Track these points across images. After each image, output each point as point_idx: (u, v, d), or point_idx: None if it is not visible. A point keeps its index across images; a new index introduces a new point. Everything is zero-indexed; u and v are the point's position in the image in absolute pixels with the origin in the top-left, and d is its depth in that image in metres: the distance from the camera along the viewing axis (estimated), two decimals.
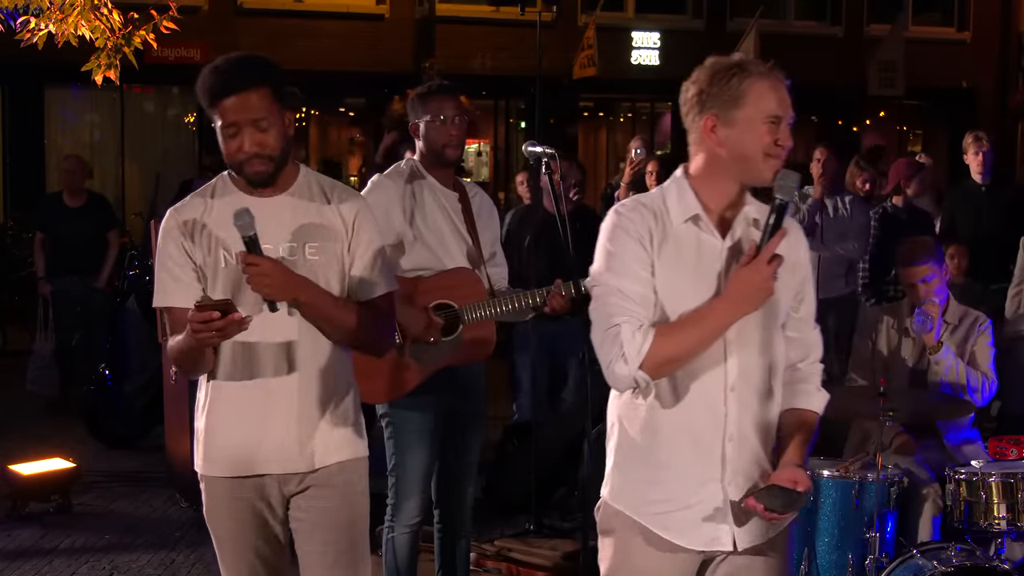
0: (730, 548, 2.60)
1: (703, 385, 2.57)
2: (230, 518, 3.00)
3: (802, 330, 2.72)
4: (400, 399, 4.00)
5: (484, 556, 4.87)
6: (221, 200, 2.93)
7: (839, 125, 18.70)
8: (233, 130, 2.83)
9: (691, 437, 2.58)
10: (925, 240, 4.84)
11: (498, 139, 18.16)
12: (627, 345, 2.50)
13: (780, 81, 2.58)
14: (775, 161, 2.55)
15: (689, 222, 2.59)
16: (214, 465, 2.99)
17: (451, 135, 4.02)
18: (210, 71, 2.85)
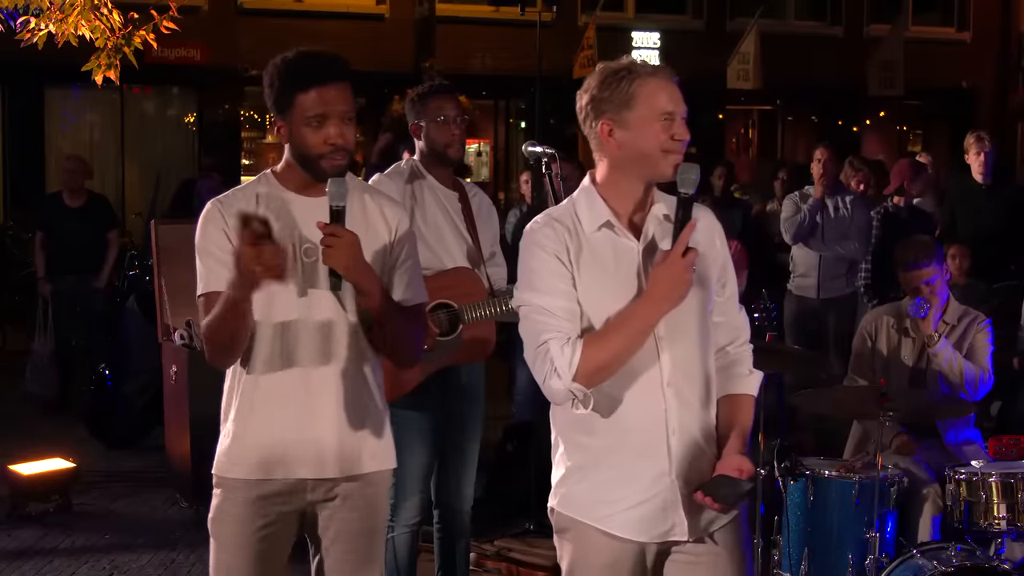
0: (684, 538, 2.65)
1: (640, 385, 2.62)
2: (244, 526, 2.89)
3: (728, 313, 2.77)
4: (400, 399, 3.99)
5: (484, 556, 4.88)
6: (267, 197, 2.90)
7: (839, 125, 18.71)
8: (320, 120, 2.80)
9: (635, 437, 2.63)
10: (925, 241, 4.82)
11: (498, 139, 18.16)
12: (557, 360, 2.55)
13: (669, 79, 2.64)
14: (674, 156, 2.61)
15: (603, 229, 2.65)
16: (239, 466, 2.88)
17: (453, 135, 4.02)
18: (302, 56, 2.84)
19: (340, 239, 2.74)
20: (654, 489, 2.63)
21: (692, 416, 2.66)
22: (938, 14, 19.76)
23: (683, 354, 2.64)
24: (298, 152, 2.87)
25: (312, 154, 2.83)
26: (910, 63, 16.48)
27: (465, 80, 11.52)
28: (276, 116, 2.89)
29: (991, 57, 19.59)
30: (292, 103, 2.82)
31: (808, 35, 18.18)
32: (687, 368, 2.65)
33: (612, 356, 2.55)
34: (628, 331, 2.55)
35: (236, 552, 2.90)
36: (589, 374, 2.55)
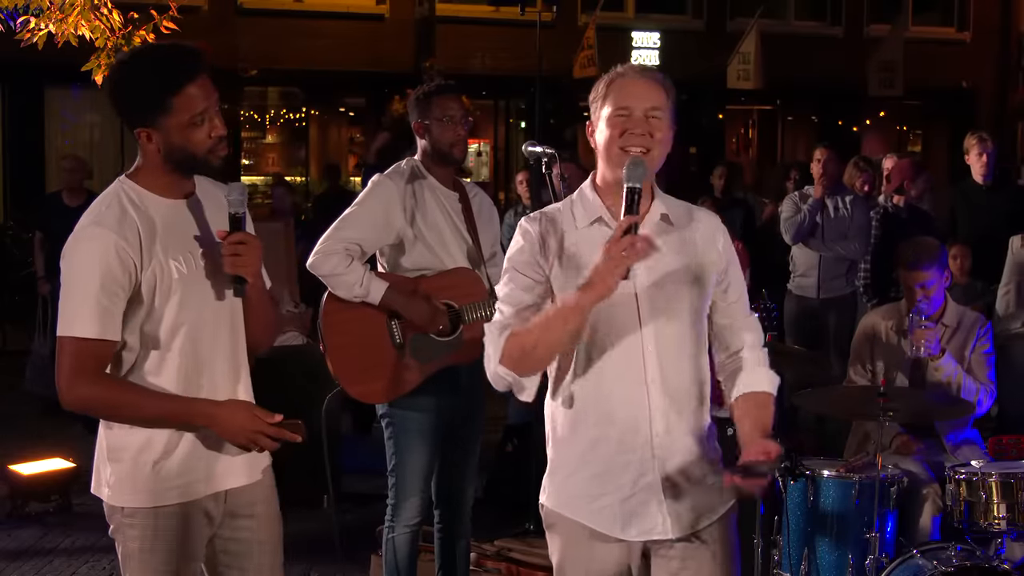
0: (667, 536, 2.66)
1: (624, 381, 2.64)
2: (183, 548, 2.73)
3: (734, 316, 2.78)
4: (400, 399, 4.00)
5: (484, 556, 4.87)
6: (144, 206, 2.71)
7: (839, 125, 18.70)
8: (203, 116, 2.66)
9: (618, 434, 2.65)
10: (930, 244, 4.79)
11: (498, 139, 18.16)
12: (488, 346, 2.66)
13: (638, 75, 2.66)
14: (625, 154, 2.60)
15: (594, 224, 2.68)
16: (167, 492, 2.70)
17: (458, 135, 4.03)
18: (158, 56, 2.71)
19: (247, 246, 2.69)
20: (637, 487, 2.65)
21: (680, 415, 2.67)
22: (938, 14, 19.75)
23: (669, 352, 2.65)
24: (179, 155, 2.68)
25: (198, 152, 2.68)
26: (910, 63, 16.47)
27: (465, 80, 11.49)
28: (140, 126, 2.68)
29: (991, 57, 19.58)
30: (166, 106, 2.64)
31: (808, 35, 18.17)
32: (674, 367, 2.66)
33: (533, 342, 2.57)
34: (548, 319, 2.57)
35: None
36: (513, 360, 2.60)
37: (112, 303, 2.62)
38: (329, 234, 3.95)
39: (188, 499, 2.74)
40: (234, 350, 2.83)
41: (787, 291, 7.32)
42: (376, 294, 3.90)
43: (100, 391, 2.63)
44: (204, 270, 2.75)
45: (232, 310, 2.82)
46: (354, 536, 5.23)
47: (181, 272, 2.70)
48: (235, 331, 2.83)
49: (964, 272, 6.68)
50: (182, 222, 2.76)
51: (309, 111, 17.29)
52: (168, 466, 2.72)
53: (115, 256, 2.62)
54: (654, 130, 2.61)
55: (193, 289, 2.72)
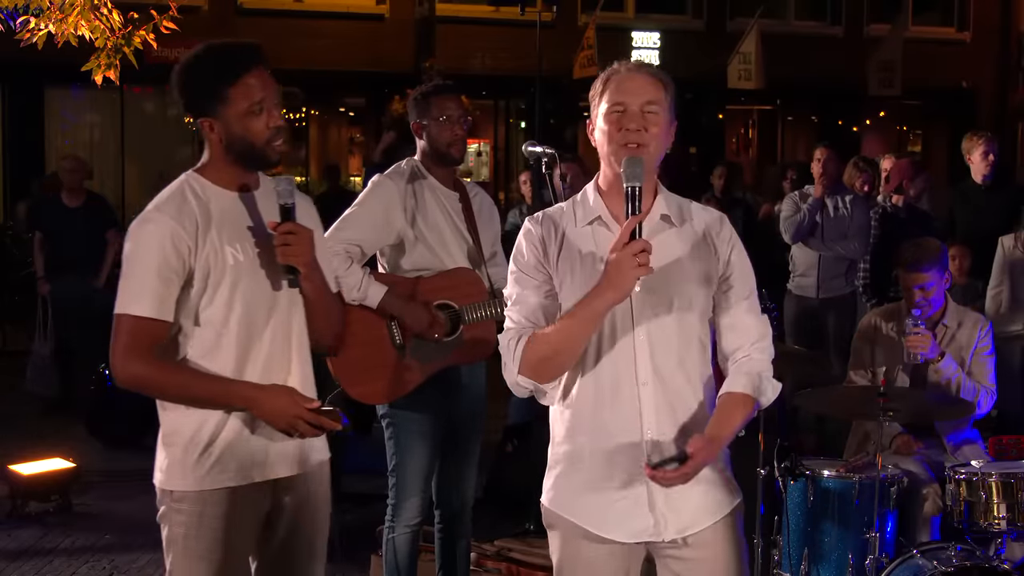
0: (660, 538, 2.65)
1: (616, 383, 2.63)
2: (228, 536, 2.78)
3: (737, 317, 2.71)
4: (400, 399, 4.00)
5: (484, 556, 4.87)
6: (206, 197, 2.80)
7: (839, 125, 18.71)
8: (261, 106, 2.76)
9: (612, 435, 2.64)
10: (931, 245, 4.77)
11: (498, 139, 18.17)
12: (506, 354, 2.65)
13: (635, 72, 2.64)
14: (623, 150, 2.59)
15: (592, 224, 2.67)
16: (216, 477, 2.77)
17: (456, 135, 4.02)
18: (220, 49, 2.79)
19: (297, 235, 2.74)
20: (631, 488, 2.64)
21: (674, 417, 2.64)
22: (938, 14, 19.77)
23: (662, 354, 2.63)
24: (239, 145, 2.78)
25: (257, 142, 2.77)
26: (910, 63, 16.48)
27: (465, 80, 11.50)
28: (201, 116, 2.79)
29: (991, 57, 19.59)
30: (224, 97, 2.75)
31: (808, 35, 18.19)
32: (668, 368, 2.63)
33: (553, 348, 2.57)
34: (568, 323, 2.56)
35: (228, 563, 2.81)
36: (532, 367, 2.60)
37: (166, 286, 2.72)
38: (329, 234, 3.94)
39: (236, 484, 2.79)
40: (288, 340, 2.86)
41: (787, 291, 7.32)
42: (374, 298, 3.90)
43: (151, 370, 2.71)
44: (260, 259, 2.81)
45: (289, 301, 2.86)
46: (354, 536, 5.22)
47: (237, 259, 2.78)
48: (290, 322, 2.87)
49: (964, 272, 6.68)
50: (240, 212, 2.83)
51: (309, 111, 17.30)
52: (218, 452, 2.78)
53: (170, 242, 2.71)
54: (650, 125, 2.60)
55: (248, 277, 2.79)
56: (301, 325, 2.90)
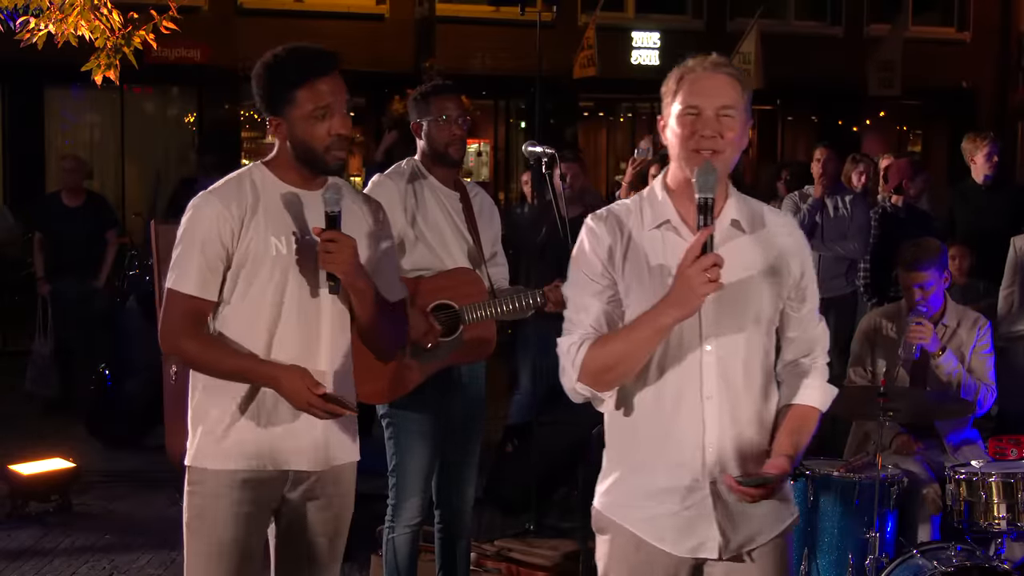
0: (714, 555, 2.58)
1: (679, 394, 2.55)
2: (236, 522, 2.88)
3: (805, 328, 2.65)
4: (400, 399, 4.00)
5: (484, 556, 4.87)
6: (263, 187, 2.90)
7: (839, 125, 18.70)
8: (324, 112, 2.82)
9: (672, 446, 2.57)
10: (931, 244, 4.78)
11: (498, 139, 18.15)
12: (564, 359, 2.55)
13: (712, 72, 2.53)
14: (696, 156, 2.49)
15: (661, 227, 2.57)
16: (233, 458, 2.88)
17: (454, 134, 4.02)
18: (297, 51, 2.85)
19: (338, 244, 2.78)
20: (687, 502, 2.57)
21: (735, 432, 2.56)
22: (938, 14, 19.76)
23: (730, 368, 2.54)
24: (301, 147, 2.87)
25: (317, 147, 2.85)
26: (910, 63, 16.48)
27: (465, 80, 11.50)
28: (272, 114, 2.89)
29: (991, 57, 19.58)
30: (292, 98, 2.83)
31: (808, 35, 18.18)
32: (733, 382, 2.54)
33: (615, 359, 2.49)
34: (633, 335, 2.47)
35: (236, 548, 2.89)
36: (592, 375, 2.51)
37: (211, 266, 2.83)
38: None
39: (249, 469, 2.87)
40: (316, 340, 2.90)
41: None
42: None
43: (193, 345, 2.85)
44: (301, 256, 2.86)
45: (331, 308, 2.91)
46: (354, 536, 5.21)
47: (279, 251, 2.85)
48: (324, 326, 2.91)
49: (964, 273, 6.68)
50: (293, 209, 2.89)
51: None
52: (236, 436, 2.87)
53: (215, 223, 2.82)
54: (725, 130, 2.49)
55: (289, 271, 2.85)
56: (336, 329, 2.94)
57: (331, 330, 2.94)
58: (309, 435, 2.92)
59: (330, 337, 2.94)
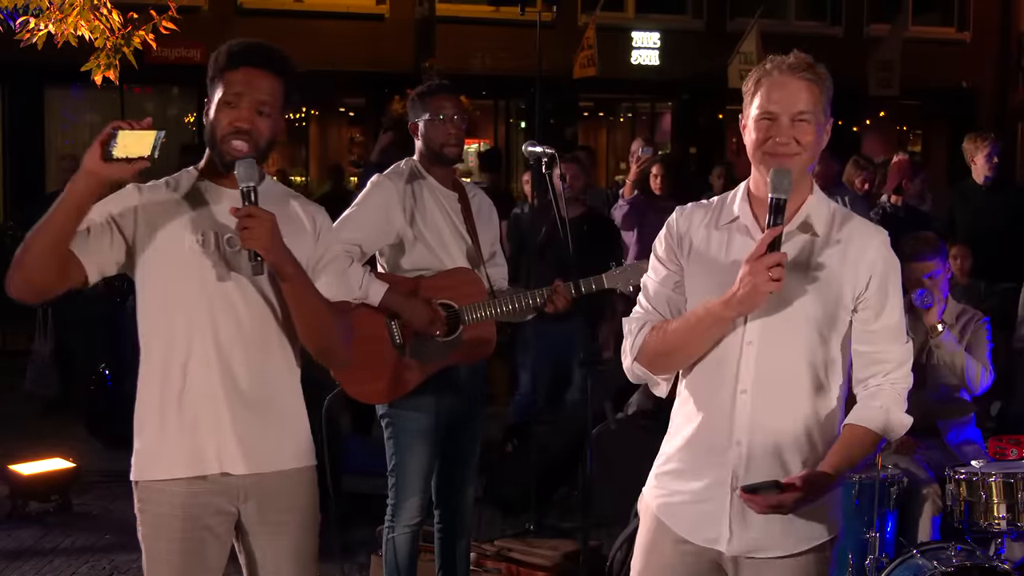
0: (725, 551, 2.58)
1: (714, 386, 2.57)
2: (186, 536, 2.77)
3: (875, 344, 2.56)
4: (400, 399, 4.00)
5: (484, 556, 4.87)
6: (184, 185, 2.83)
7: (839, 125, 18.63)
8: (234, 100, 2.73)
9: (704, 437, 2.60)
10: (930, 236, 4.82)
11: (498, 139, 18.16)
12: (626, 340, 2.64)
13: (791, 76, 2.51)
14: (770, 159, 2.50)
15: (732, 225, 2.59)
16: (170, 466, 2.78)
17: (450, 134, 4.02)
18: (243, 40, 2.81)
19: (256, 219, 2.64)
20: (710, 493, 2.58)
21: (771, 430, 2.53)
22: (938, 14, 19.78)
23: (772, 365, 2.52)
24: (208, 134, 2.78)
25: (217, 134, 2.75)
26: (910, 63, 16.48)
27: (465, 80, 11.52)
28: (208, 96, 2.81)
29: (991, 57, 19.59)
30: (217, 82, 2.76)
31: (808, 35, 18.13)
32: (774, 380, 2.52)
33: (672, 346, 2.56)
34: (690, 326, 2.53)
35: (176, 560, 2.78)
36: (648, 358, 2.60)
37: (98, 228, 2.73)
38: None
39: (192, 475, 2.77)
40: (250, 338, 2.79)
41: None
42: (375, 296, 3.90)
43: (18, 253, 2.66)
44: (221, 249, 2.78)
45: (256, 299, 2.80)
46: (354, 536, 5.22)
47: (193, 246, 2.76)
48: (253, 319, 2.80)
49: (965, 272, 6.68)
50: (213, 204, 2.80)
51: (309, 111, 17.29)
52: (171, 443, 2.78)
53: (119, 198, 2.78)
54: (801, 135, 2.49)
55: (204, 266, 2.76)
56: (272, 323, 2.82)
57: (267, 328, 2.81)
58: (244, 438, 2.78)
59: (266, 336, 2.81)
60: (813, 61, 2.55)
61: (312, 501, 2.94)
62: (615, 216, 7.32)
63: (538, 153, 4.19)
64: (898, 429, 2.58)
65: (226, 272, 2.77)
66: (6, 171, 14.94)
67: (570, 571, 4.79)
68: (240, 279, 2.78)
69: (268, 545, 2.86)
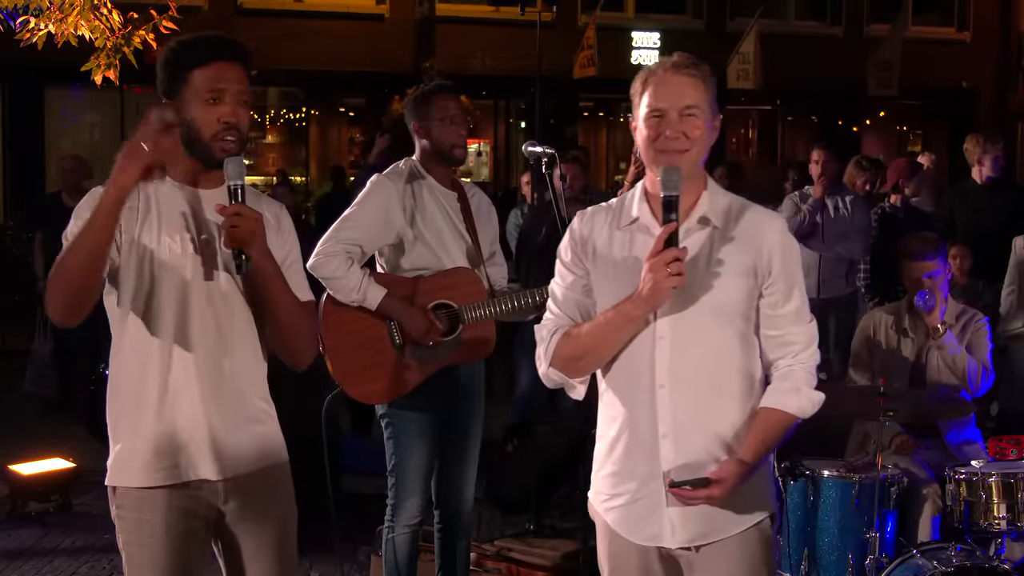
0: (670, 544, 2.62)
1: (635, 382, 2.61)
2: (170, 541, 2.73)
3: (782, 327, 2.63)
4: (400, 399, 4.00)
5: (484, 556, 4.87)
6: (155, 190, 2.75)
7: (839, 125, 18.71)
8: (215, 97, 2.69)
9: (630, 434, 2.64)
10: (930, 236, 4.83)
11: (498, 139, 18.17)
12: (539, 347, 2.68)
13: (675, 73, 2.56)
14: (663, 156, 2.55)
15: (632, 226, 2.64)
16: (146, 472, 2.71)
17: (460, 135, 4.04)
18: (198, 36, 2.74)
19: (244, 217, 2.62)
20: (644, 490, 2.62)
21: (694, 422, 2.58)
22: (938, 14, 19.77)
23: (686, 358, 2.56)
24: (188, 134, 2.71)
25: (204, 135, 2.70)
26: (910, 63, 16.48)
27: (465, 80, 11.53)
28: (166, 98, 2.73)
29: (991, 57, 19.59)
30: (185, 80, 2.70)
31: (808, 35, 18.19)
32: (689, 373, 2.56)
33: (584, 349, 2.60)
34: (602, 327, 2.58)
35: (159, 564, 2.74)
36: (563, 362, 2.63)
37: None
38: (329, 235, 3.95)
39: (171, 481, 2.72)
40: (222, 341, 2.76)
41: None
42: (373, 300, 3.90)
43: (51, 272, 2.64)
44: (203, 253, 2.74)
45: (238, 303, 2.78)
46: (354, 536, 5.22)
47: (174, 251, 2.72)
48: (226, 322, 2.77)
49: (964, 272, 6.69)
50: (189, 207, 2.76)
51: (309, 111, 17.29)
52: (149, 447, 2.72)
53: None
54: (689, 130, 2.55)
55: (187, 270, 2.72)
56: (243, 325, 2.80)
57: (238, 330, 2.79)
58: (224, 441, 2.76)
59: (238, 337, 2.79)
60: (696, 60, 2.61)
61: (289, 492, 2.93)
62: None
63: (538, 153, 4.20)
64: (809, 408, 2.64)
65: (203, 273, 2.74)
66: (6, 171, 14.93)
67: (570, 571, 4.79)
68: (216, 280, 2.75)
69: (249, 538, 2.84)
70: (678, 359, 2.57)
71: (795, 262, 2.66)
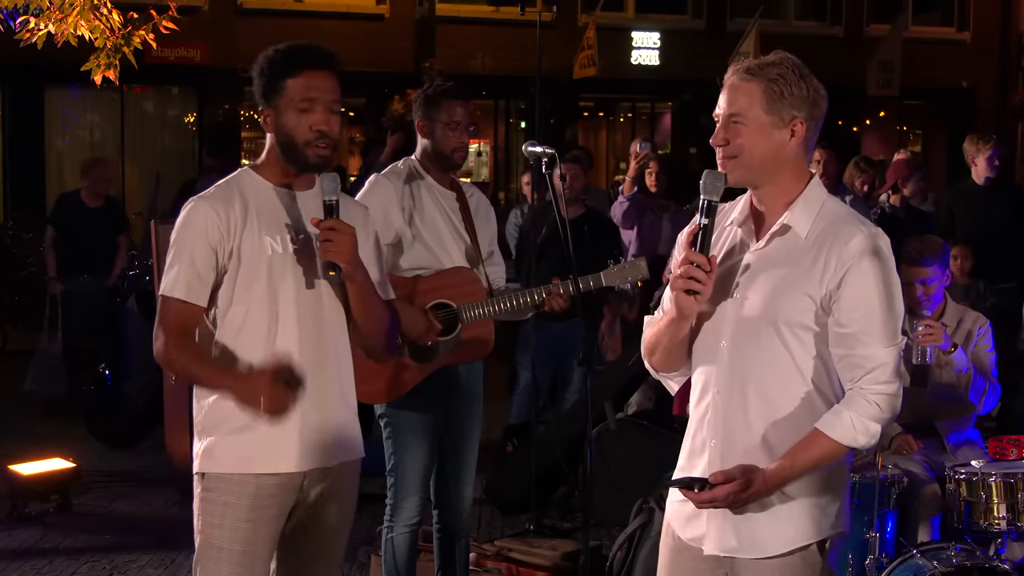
0: (706, 549, 2.61)
1: (701, 387, 2.63)
2: (250, 527, 2.85)
3: (851, 347, 2.48)
4: (399, 399, 4.00)
5: (484, 556, 4.87)
6: (251, 191, 2.90)
7: (839, 125, 18.70)
8: (308, 105, 2.82)
9: (692, 435, 2.67)
10: (935, 241, 4.76)
11: (498, 139, 18.16)
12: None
13: (729, 80, 2.57)
14: (721, 161, 2.57)
15: (736, 224, 2.64)
16: (242, 461, 2.85)
17: (462, 141, 4.04)
18: (294, 45, 2.88)
19: (338, 232, 2.78)
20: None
21: (743, 432, 2.53)
22: (938, 14, 19.76)
23: (742, 365, 2.52)
24: (283, 139, 2.87)
25: (299, 140, 2.84)
26: (911, 63, 16.47)
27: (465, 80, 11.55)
28: (263, 104, 2.89)
29: (991, 57, 19.58)
30: (281, 88, 2.84)
31: (808, 35, 18.16)
32: (746, 381, 2.52)
33: (650, 344, 2.67)
34: (659, 323, 2.63)
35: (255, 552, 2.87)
36: (647, 354, 2.71)
37: (200, 272, 2.82)
38: None
39: (262, 472, 2.85)
40: (321, 335, 2.90)
41: None
42: None
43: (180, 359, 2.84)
44: (297, 254, 2.87)
45: (332, 306, 2.92)
46: (354, 536, 5.23)
47: (275, 250, 2.85)
48: (327, 324, 2.92)
49: (965, 273, 6.69)
50: (287, 207, 2.90)
51: None
52: (246, 439, 2.84)
53: (204, 229, 2.82)
54: (733, 136, 2.53)
55: (287, 269, 2.86)
56: (337, 328, 2.95)
57: (333, 328, 2.94)
58: (315, 435, 2.90)
59: (333, 335, 2.94)
60: (769, 64, 2.53)
61: (356, 488, 3.12)
62: (615, 213, 7.32)
63: (538, 153, 4.19)
64: (859, 438, 2.49)
65: (303, 270, 2.88)
66: (6, 171, 14.93)
67: (570, 571, 4.79)
68: (314, 277, 2.89)
69: (316, 525, 2.97)
70: (735, 367, 2.54)
71: (873, 280, 2.47)
